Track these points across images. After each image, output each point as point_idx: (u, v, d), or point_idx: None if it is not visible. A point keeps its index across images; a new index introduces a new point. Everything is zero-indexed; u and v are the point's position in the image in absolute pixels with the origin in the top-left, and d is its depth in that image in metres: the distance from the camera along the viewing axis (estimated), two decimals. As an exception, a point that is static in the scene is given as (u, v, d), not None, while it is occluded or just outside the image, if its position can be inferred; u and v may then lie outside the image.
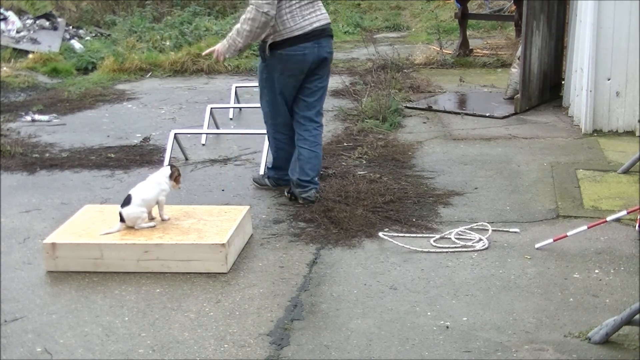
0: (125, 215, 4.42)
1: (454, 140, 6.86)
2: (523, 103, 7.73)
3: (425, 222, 4.92)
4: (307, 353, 3.41)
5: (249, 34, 4.92)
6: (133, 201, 4.43)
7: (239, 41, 4.98)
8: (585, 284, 4.03)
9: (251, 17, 4.86)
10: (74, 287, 4.11)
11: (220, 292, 4.01)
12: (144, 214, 4.46)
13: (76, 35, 12.15)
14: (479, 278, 4.12)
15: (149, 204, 4.50)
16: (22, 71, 9.87)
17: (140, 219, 4.45)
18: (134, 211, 4.42)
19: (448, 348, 3.43)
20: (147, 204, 4.49)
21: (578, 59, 7.26)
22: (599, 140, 6.71)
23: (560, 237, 4.48)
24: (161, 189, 4.56)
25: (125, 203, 4.45)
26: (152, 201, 4.51)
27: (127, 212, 4.42)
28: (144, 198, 4.47)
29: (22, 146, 6.76)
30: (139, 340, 3.55)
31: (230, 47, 5.04)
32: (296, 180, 5.18)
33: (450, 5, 13.81)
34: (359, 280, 4.12)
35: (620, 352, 3.36)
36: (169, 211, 4.64)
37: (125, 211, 4.42)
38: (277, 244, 4.63)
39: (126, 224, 4.44)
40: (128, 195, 4.48)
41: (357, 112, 7.63)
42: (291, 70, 5.06)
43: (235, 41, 5.00)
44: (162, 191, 4.56)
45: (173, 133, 6.16)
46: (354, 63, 10.72)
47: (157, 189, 4.54)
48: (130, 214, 4.42)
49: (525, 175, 5.81)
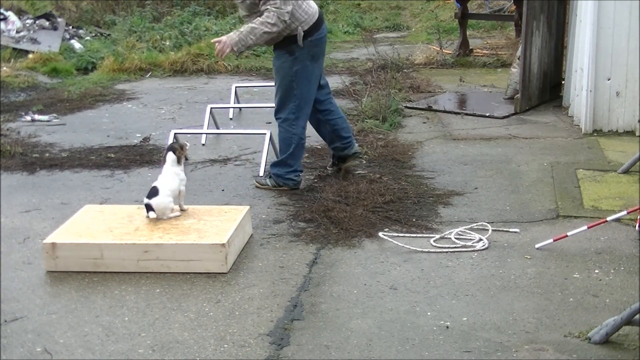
0: (155, 205, 4.51)
1: (454, 140, 6.86)
2: (523, 103, 7.73)
3: (425, 222, 4.92)
4: (307, 353, 3.41)
5: (266, 37, 5.07)
6: (161, 192, 4.52)
7: (252, 39, 5.08)
8: (585, 284, 4.03)
9: (273, 22, 4.99)
10: (74, 287, 4.11)
11: (220, 292, 4.01)
12: (172, 204, 4.57)
13: (76, 35, 12.15)
14: (479, 278, 4.12)
15: (175, 195, 4.61)
16: (22, 71, 9.87)
17: (169, 209, 4.55)
18: (163, 201, 4.52)
19: (448, 348, 3.43)
20: (173, 195, 4.60)
21: (578, 59, 7.26)
22: (599, 140, 6.71)
23: (560, 237, 4.48)
24: (180, 179, 4.66)
25: (152, 194, 4.52)
26: (176, 191, 4.63)
27: (156, 202, 4.51)
28: (170, 189, 4.57)
29: (22, 146, 6.75)
30: (139, 340, 3.55)
31: (240, 41, 5.10)
32: (341, 145, 5.65)
33: (450, 5, 13.81)
34: (359, 280, 4.12)
35: (620, 352, 3.36)
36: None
37: (154, 201, 4.51)
38: (277, 244, 4.63)
39: (155, 214, 4.52)
40: (154, 187, 4.56)
41: (357, 112, 7.63)
42: (321, 53, 5.39)
43: (247, 38, 5.08)
44: (182, 181, 4.67)
45: (173, 133, 6.17)
46: (354, 63, 10.72)
47: (177, 179, 4.64)
48: (159, 204, 4.52)
49: (525, 175, 5.81)
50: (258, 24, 5.03)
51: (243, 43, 5.10)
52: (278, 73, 5.36)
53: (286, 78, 5.29)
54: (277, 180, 5.51)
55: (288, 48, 5.20)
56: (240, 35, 5.10)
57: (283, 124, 5.41)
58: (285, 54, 5.24)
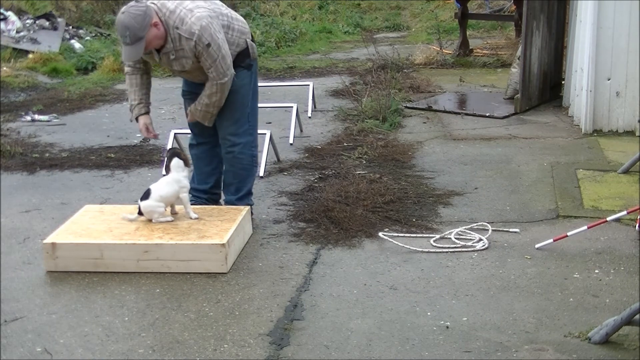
0: (142, 208, 4.51)
1: (454, 140, 6.86)
2: (523, 103, 7.73)
3: (425, 222, 4.92)
4: (307, 353, 3.40)
5: (223, 98, 4.62)
6: (151, 196, 4.51)
7: (213, 112, 4.66)
8: (585, 284, 4.03)
9: (223, 88, 4.56)
10: (74, 287, 4.11)
11: (220, 292, 4.01)
12: (160, 208, 4.53)
13: (76, 35, 12.15)
14: (479, 278, 4.12)
15: (168, 201, 4.56)
16: (22, 71, 9.87)
17: (157, 214, 4.52)
18: (150, 205, 4.50)
19: (448, 348, 3.42)
20: (165, 200, 4.55)
21: (578, 59, 7.26)
22: (599, 140, 6.71)
23: (560, 237, 4.48)
24: (180, 187, 4.58)
25: (145, 197, 4.52)
26: (170, 198, 4.56)
27: (144, 205, 4.51)
28: (161, 194, 4.53)
29: (22, 146, 6.76)
30: (139, 340, 3.55)
31: (207, 118, 4.69)
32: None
33: (450, 5, 13.81)
34: (359, 280, 4.12)
35: (620, 352, 3.36)
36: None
37: (143, 204, 4.51)
38: (277, 244, 4.63)
39: (145, 216, 4.52)
40: (148, 189, 4.55)
41: (357, 112, 7.63)
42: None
43: (208, 112, 4.66)
44: (182, 188, 4.58)
45: (173, 133, 6.16)
46: (354, 63, 10.72)
47: (176, 186, 4.56)
48: (146, 207, 4.50)
49: (525, 175, 5.81)
50: (207, 98, 4.57)
51: (209, 118, 4.68)
52: (237, 93, 4.72)
53: (247, 96, 4.79)
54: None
55: (245, 63, 4.75)
56: (202, 114, 4.66)
57: (244, 150, 4.81)
58: (243, 70, 4.75)
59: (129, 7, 4.32)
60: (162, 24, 4.38)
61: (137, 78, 4.69)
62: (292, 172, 5.98)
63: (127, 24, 4.24)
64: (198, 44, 4.36)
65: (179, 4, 4.41)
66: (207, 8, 4.49)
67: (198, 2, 4.51)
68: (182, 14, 4.37)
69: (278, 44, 12.20)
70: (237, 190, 4.90)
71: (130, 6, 4.31)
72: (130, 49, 4.34)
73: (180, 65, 4.53)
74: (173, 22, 4.37)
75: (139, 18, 4.24)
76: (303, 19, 14.56)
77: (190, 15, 4.37)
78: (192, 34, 4.35)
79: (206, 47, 4.37)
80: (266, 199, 5.39)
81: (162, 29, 4.38)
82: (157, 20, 4.35)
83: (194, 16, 4.37)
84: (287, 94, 8.55)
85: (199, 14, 4.39)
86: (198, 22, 4.35)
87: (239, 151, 4.81)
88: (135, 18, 4.24)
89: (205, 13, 4.43)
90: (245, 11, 14.23)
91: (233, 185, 4.91)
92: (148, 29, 4.28)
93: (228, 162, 4.87)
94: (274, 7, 14.95)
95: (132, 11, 4.27)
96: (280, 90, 8.72)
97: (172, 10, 4.38)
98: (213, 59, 4.43)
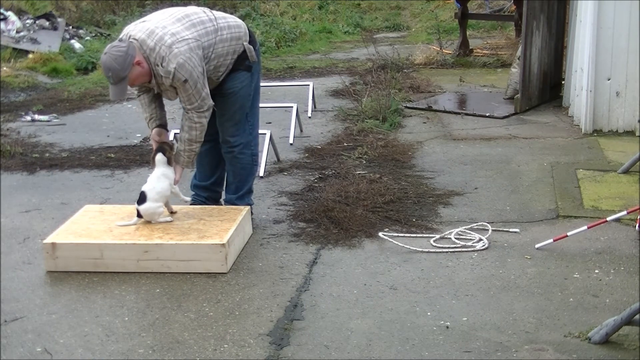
0: (142, 212, 4.49)
1: (454, 140, 6.86)
2: (523, 103, 7.73)
3: (425, 222, 4.92)
4: (307, 353, 3.40)
5: (203, 132, 4.60)
6: (149, 197, 4.49)
7: (196, 147, 4.63)
8: (585, 284, 4.03)
9: (201, 120, 4.54)
10: (74, 287, 4.11)
11: (220, 292, 4.01)
12: (160, 208, 4.52)
13: (76, 35, 12.15)
14: (479, 278, 4.12)
15: (165, 196, 4.55)
16: (22, 71, 9.88)
17: (157, 214, 4.51)
18: (150, 207, 4.48)
19: (448, 348, 3.42)
20: (162, 197, 4.54)
21: (578, 59, 7.26)
22: (599, 140, 6.71)
23: (560, 237, 4.48)
24: (170, 179, 4.58)
25: (141, 200, 4.49)
26: (166, 192, 4.56)
27: (143, 208, 4.48)
28: (157, 192, 4.51)
29: (22, 146, 6.76)
30: (139, 340, 3.55)
31: (191, 159, 4.66)
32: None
33: (450, 5, 13.82)
34: (358, 280, 4.12)
35: (620, 352, 3.36)
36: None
37: (142, 208, 4.48)
38: (277, 244, 4.63)
39: (144, 219, 4.51)
40: (142, 193, 4.52)
41: (357, 112, 7.63)
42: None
43: (192, 151, 4.63)
44: (172, 179, 4.60)
45: (173, 133, 6.16)
46: (354, 63, 10.72)
47: (167, 179, 4.57)
48: (147, 210, 4.48)
49: (525, 175, 5.81)
50: (187, 132, 4.56)
51: (194, 156, 4.66)
52: (237, 95, 4.73)
53: (247, 97, 4.79)
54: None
55: (245, 66, 4.73)
56: (185, 155, 4.61)
57: (244, 150, 4.84)
58: (244, 73, 4.74)
59: (110, 48, 4.34)
60: (146, 60, 4.39)
61: (145, 98, 4.72)
62: (292, 172, 5.98)
63: (108, 65, 4.28)
64: (174, 81, 4.39)
65: (158, 40, 4.37)
66: (188, 39, 4.43)
67: (181, 31, 4.44)
68: (161, 51, 4.35)
69: (278, 44, 12.20)
70: (237, 189, 4.94)
71: (112, 47, 4.34)
72: (115, 88, 4.39)
73: (167, 97, 4.63)
74: (154, 60, 4.38)
75: (120, 59, 4.26)
76: (303, 19, 14.56)
77: (168, 52, 4.35)
78: (168, 73, 4.36)
79: (183, 83, 4.39)
80: (266, 199, 5.39)
81: (146, 65, 4.39)
82: (140, 58, 4.35)
83: (172, 53, 4.34)
84: (287, 94, 8.55)
85: (177, 49, 4.35)
86: (175, 59, 4.33)
87: (239, 151, 4.84)
88: (117, 59, 4.26)
89: (185, 47, 4.38)
90: (245, 11, 14.24)
91: (233, 184, 4.95)
92: (130, 68, 4.29)
93: (228, 161, 4.91)
94: (274, 7, 14.96)
95: (113, 52, 4.28)
96: (280, 90, 8.72)
97: (152, 48, 4.36)
98: (188, 94, 4.46)
